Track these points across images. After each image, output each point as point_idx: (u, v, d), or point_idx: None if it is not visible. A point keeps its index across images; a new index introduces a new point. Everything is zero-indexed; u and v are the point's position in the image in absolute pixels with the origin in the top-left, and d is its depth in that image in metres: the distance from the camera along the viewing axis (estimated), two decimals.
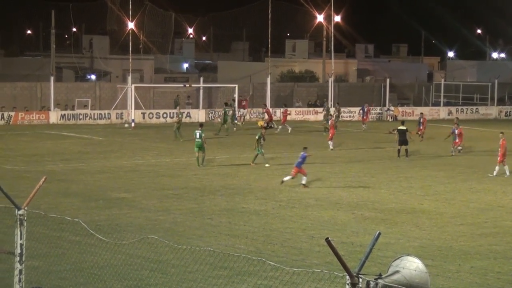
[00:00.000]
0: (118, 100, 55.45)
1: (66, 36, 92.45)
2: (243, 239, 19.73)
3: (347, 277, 7.90)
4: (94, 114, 55.63)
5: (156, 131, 48.69)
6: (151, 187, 27.84)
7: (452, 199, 26.52)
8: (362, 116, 55.56)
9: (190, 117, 57.47)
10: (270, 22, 60.75)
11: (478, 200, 26.44)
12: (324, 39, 69.55)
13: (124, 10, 63.31)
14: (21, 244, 11.34)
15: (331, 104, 59.24)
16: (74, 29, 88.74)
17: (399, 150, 37.31)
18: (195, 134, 33.77)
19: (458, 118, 45.56)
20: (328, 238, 7.78)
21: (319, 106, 61.96)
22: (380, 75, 78.93)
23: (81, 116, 54.93)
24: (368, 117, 55.30)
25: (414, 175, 32.02)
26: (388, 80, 65.70)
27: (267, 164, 33.55)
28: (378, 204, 25.16)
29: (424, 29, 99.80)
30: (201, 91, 59.46)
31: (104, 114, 55.72)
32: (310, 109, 62.34)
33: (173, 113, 56.85)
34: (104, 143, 42.61)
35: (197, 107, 59.30)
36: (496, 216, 23.76)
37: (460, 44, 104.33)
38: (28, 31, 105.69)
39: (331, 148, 40.25)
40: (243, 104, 57.64)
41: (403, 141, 37.38)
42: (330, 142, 40.59)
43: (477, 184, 29.85)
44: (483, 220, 23.10)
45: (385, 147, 42.03)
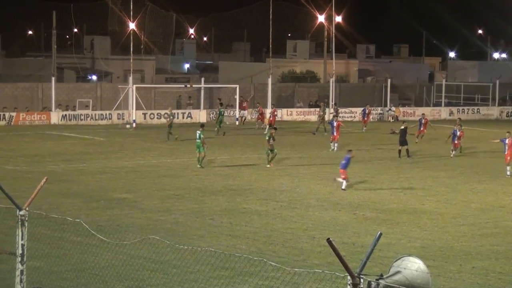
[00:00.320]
0: (119, 101, 55.46)
1: (68, 36, 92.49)
2: (244, 239, 19.73)
3: (349, 277, 7.89)
4: (95, 114, 55.65)
5: (157, 132, 48.67)
6: (152, 188, 27.85)
7: (453, 199, 26.51)
8: (363, 117, 55.01)
9: (191, 117, 57.50)
10: (271, 23, 60.73)
11: (479, 200, 26.43)
12: (325, 39, 69.53)
13: (125, 10, 63.35)
14: (22, 245, 11.33)
15: (331, 104, 59.16)
16: (75, 29, 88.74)
17: (399, 151, 37.29)
18: (196, 134, 33.83)
19: (460, 119, 45.30)
20: (329, 239, 7.77)
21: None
22: (381, 76, 78.91)
23: (82, 117, 54.95)
24: (369, 118, 54.78)
25: (415, 175, 32.02)
26: (389, 80, 65.69)
27: (268, 165, 33.51)
28: (379, 205, 25.16)
29: (425, 29, 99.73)
30: (202, 91, 59.47)
31: (105, 114, 55.73)
32: (311, 109, 62.32)
33: (173, 113, 56.86)
34: (105, 144, 42.62)
35: (198, 107, 59.31)
36: (497, 216, 23.76)
37: (461, 45, 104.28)
38: (30, 32, 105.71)
39: (332, 148, 40.09)
40: (243, 105, 57.63)
41: (403, 141, 37.37)
42: (332, 143, 40.31)
43: (478, 185, 29.85)
44: (484, 220, 23.10)
45: (386, 147, 42.01)
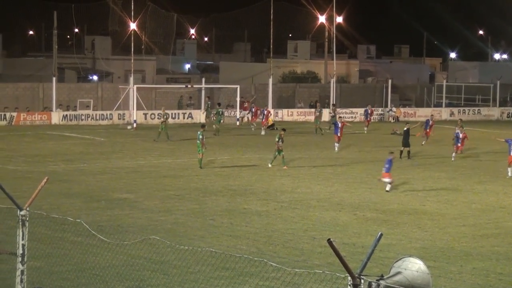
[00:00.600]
0: (120, 101, 55.47)
1: (68, 36, 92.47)
2: (244, 240, 19.74)
3: (349, 278, 7.89)
4: (96, 114, 55.65)
5: (157, 132, 48.62)
6: (153, 188, 27.85)
7: (454, 200, 26.51)
8: (365, 118, 54.43)
9: (192, 117, 57.51)
10: (272, 23, 60.73)
11: (480, 201, 26.43)
12: (326, 40, 69.54)
13: (126, 10, 63.36)
14: (23, 245, 11.35)
15: (331, 104, 59.10)
16: (76, 29, 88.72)
17: (401, 151, 37.25)
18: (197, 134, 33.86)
19: (461, 120, 45.15)
20: (330, 239, 7.77)
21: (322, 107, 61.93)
22: (382, 76, 78.87)
23: (83, 117, 54.94)
24: (371, 119, 54.36)
25: (416, 176, 32.01)
26: (390, 81, 65.66)
27: (270, 165, 33.43)
28: (379, 205, 25.16)
29: (426, 30, 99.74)
30: (203, 91, 59.45)
31: (106, 114, 55.72)
32: (312, 109, 62.26)
33: (174, 113, 56.85)
34: (106, 144, 42.62)
35: (199, 107, 59.32)
36: (498, 217, 23.77)
37: (462, 45, 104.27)
38: (30, 32, 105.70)
39: (336, 150, 39.81)
40: (244, 106, 57.64)
41: (405, 143, 37.31)
42: (337, 145, 40.06)
43: (479, 185, 29.83)
44: (485, 221, 23.10)
45: (386, 148, 41.99)
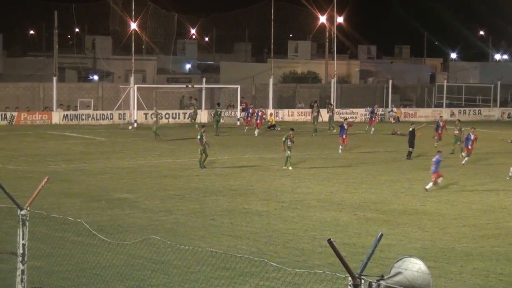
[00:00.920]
0: (120, 101, 55.50)
1: (69, 36, 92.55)
2: (245, 240, 19.75)
3: (349, 278, 7.88)
4: (96, 114, 55.67)
5: (159, 132, 48.65)
6: (153, 188, 27.86)
7: (454, 200, 26.52)
8: (370, 118, 53.74)
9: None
10: (272, 23, 60.76)
11: (480, 201, 26.45)
12: (327, 40, 69.54)
13: (127, 10, 63.42)
14: (23, 244, 11.35)
15: (329, 104, 59.07)
16: (77, 29, 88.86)
17: (409, 152, 37.15)
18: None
19: (459, 120, 45.02)
20: (330, 239, 7.75)
21: (321, 107, 61.93)
22: (383, 76, 78.86)
23: (83, 117, 54.97)
24: (376, 119, 53.71)
25: (416, 176, 32.00)
26: (390, 81, 65.67)
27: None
28: (380, 206, 25.17)
29: (426, 30, 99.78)
30: (203, 91, 59.49)
31: (107, 114, 55.75)
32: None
33: (175, 113, 56.87)
34: (107, 144, 42.64)
35: (199, 108, 59.34)
36: (498, 217, 23.78)
37: (462, 46, 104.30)
38: (31, 32, 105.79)
39: (339, 151, 39.22)
40: (241, 107, 57.70)
41: (411, 143, 37.22)
42: (341, 147, 39.38)
43: (479, 186, 29.85)
44: (485, 221, 23.12)
45: (386, 148, 42.03)
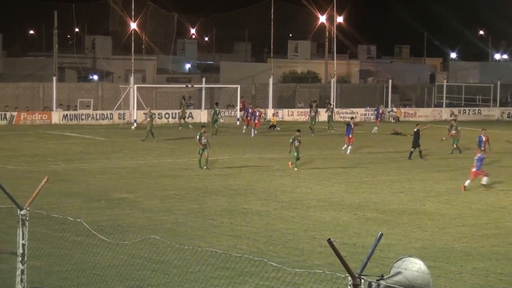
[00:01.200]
0: (120, 101, 55.55)
1: (69, 36, 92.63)
2: (245, 239, 19.77)
3: (349, 278, 7.89)
4: (96, 114, 55.72)
5: (158, 132, 48.70)
6: (153, 188, 27.88)
7: (454, 200, 26.54)
8: (376, 117, 53.48)
9: (192, 117, 57.62)
10: (272, 23, 60.81)
11: (480, 201, 26.47)
12: (327, 40, 69.60)
13: (126, 10, 63.47)
14: (23, 244, 11.36)
15: (328, 103, 59.10)
16: (77, 29, 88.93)
17: (411, 152, 37.04)
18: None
19: (455, 120, 44.85)
20: (330, 239, 7.76)
21: (321, 107, 61.97)
22: (382, 76, 78.96)
23: (83, 117, 55.01)
24: (381, 119, 53.33)
25: (416, 176, 32.03)
26: (390, 81, 65.74)
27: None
28: (380, 205, 25.18)
29: (426, 30, 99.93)
30: (203, 91, 59.54)
31: (106, 114, 55.80)
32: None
33: (175, 113, 56.91)
34: (106, 144, 42.67)
35: (199, 107, 59.41)
36: (498, 217, 23.80)
37: (462, 45, 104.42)
38: (31, 31, 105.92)
39: (348, 152, 38.58)
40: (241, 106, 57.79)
41: (415, 143, 37.14)
42: (349, 147, 38.70)
43: (479, 186, 29.82)
44: (485, 221, 23.13)
45: (386, 148, 42.06)
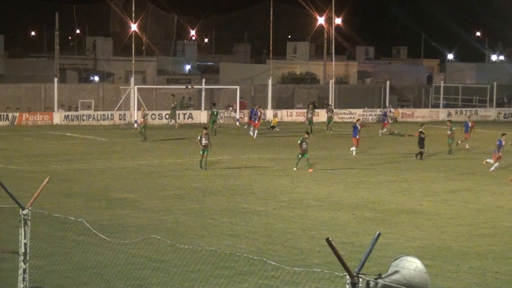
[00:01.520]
0: (121, 101, 55.68)
1: (70, 37, 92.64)
2: (244, 239, 19.88)
3: (347, 277, 7.97)
4: (97, 115, 55.83)
5: (158, 132, 48.84)
6: (153, 188, 28.00)
7: (451, 200, 26.65)
8: (383, 120, 51.55)
9: (192, 118, 57.77)
10: (271, 24, 60.93)
11: (476, 201, 26.58)
12: (325, 41, 69.70)
13: (127, 12, 63.61)
14: (25, 244, 11.46)
15: (328, 104, 59.15)
16: (78, 31, 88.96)
17: (421, 153, 37.17)
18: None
19: (450, 121, 44.91)
20: (328, 238, 7.85)
21: (318, 108, 62.14)
22: (380, 77, 79.02)
23: (84, 117, 55.13)
24: (388, 121, 51.43)
25: (414, 176, 32.14)
26: (388, 82, 65.78)
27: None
28: (378, 205, 25.30)
29: (424, 31, 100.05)
30: (203, 92, 59.66)
31: (107, 115, 55.92)
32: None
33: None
34: (107, 144, 42.80)
35: (199, 108, 59.55)
36: (494, 216, 23.90)
37: (459, 47, 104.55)
38: (32, 33, 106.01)
39: (354, 154, 38.25)
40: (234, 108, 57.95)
41: (421, 144, 37.24)
42: (354, 148, 38.37)
43: (475, 185, 29.98)
44: (481, 220, 23.25)
45: (384, 148, 42.17)
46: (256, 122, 48.39)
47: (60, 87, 57.45)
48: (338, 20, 69.94)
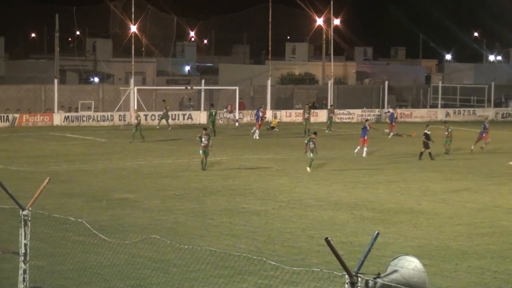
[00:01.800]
0: (121, 102, 55.75)
1: (70, 39, 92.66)
2: (243, 239, 19.93)
3: (346, 276, 8.00)
4: (97, 116, 55.90)
5: (158, 133, 48.92)
6: (153, 188, 28.06)
7: (449, 199, 26.69)
8: (390, 122, 50.09)
9: (192, 119, 57.83)
10: (270, 26, 61.01)
11: (474, 200, 26.63)
12: (324, 42, 69.78)
13: (127, 13, 63.65)
14: (25, 244, 11.49)
15: (329, 105, 59.19)
16: (78, 32, 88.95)
17: (430, 153, 37.21)
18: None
19: (446, 121, 44.93)
20: (327, 238, 7.87)
21: (318, 108, 62.20)
22: (379, 78, 79.04)
23: (84, 118, 55.19)
24: (395, 123, 50.01)
25: (412, 176, 32.21)
26: (386, 82, 65.83)
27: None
28: (376, 205, 25.35)
29: (422, 32, 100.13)
30: (202, 93, 59.72)
31: (107, 116, 55.99)
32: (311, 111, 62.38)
33: (174, 115, 57.08)
34: (107, 145, 42.86)
35: (198, 109, 59.62)
36: (492, 216, 23.94)
37: (457, 47, 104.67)
38: (33, 34, 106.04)
39: (356, 152, 38.01)
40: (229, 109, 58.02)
41: (426, 144, 37.22)
42: (361, 147, 38.14)
43: (473, 185, 30.03)
44: (479, 220, 23.29)
45: (383, 148, 42.24)
46: (259, 123, 48.41)
47: (60, 88, 57.51)
48: (337, 21, 70.07)
